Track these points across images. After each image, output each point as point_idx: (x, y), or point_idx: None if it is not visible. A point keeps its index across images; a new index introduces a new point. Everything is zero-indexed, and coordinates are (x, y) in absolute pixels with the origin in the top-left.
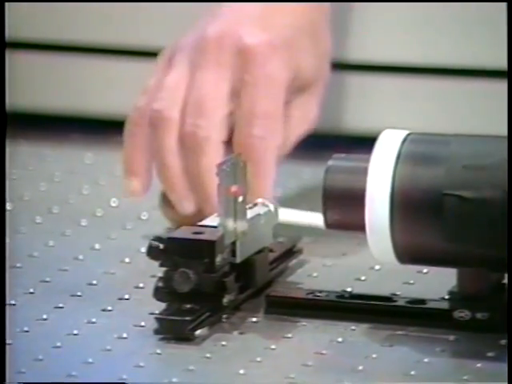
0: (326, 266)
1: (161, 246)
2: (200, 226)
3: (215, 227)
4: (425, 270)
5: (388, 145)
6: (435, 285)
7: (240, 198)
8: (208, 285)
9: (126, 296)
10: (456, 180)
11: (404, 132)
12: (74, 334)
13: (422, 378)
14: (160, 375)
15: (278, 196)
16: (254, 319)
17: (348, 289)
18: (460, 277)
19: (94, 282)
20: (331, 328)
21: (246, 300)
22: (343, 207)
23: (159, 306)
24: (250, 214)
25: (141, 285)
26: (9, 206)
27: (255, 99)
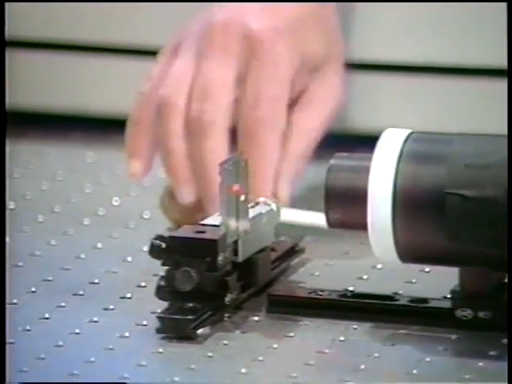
0: (328, 265)
1: (163, 244)
2: (202, 224)
3: (217, 226)
4: (427, 269)
5: (390, 144)
6: (437, 284)
7: (242, 197)
8: (210, 284)
9: (128, 295)
10: (458, 179)
11: (406, 131)
12: (76, 333)
13: (424, 377)
14: (162, 374)
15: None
16: (255, 318)
17: (350, 288)
18: (462, 276)
19: (96, 280)
20: (333, 327)
21: (247, 299)
22: (345, 206)
23: (161, 305)
24: (251, 212)
25: (143, 284)
26: (11, 205)
27: (261, 83)
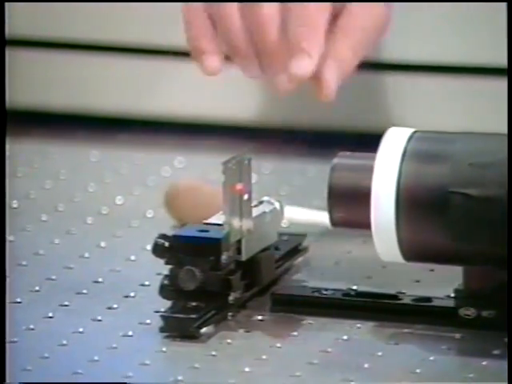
0: (331, 264)
1: (166, 243)
2: (205, 223)
3: (221, 225)
4: (431, 268)
5: (394, 142)
6: (441, 283)
7: (245, 196)
8: (213, 283)
9: (132, 294)
10: (462, 178)
11: (410, 130)
12: (80, 332)
13: (428, 376)
14: (165, 373)
15: (283, 194)
16: (259, 317)
17: (354, 287)
18: (466, 275)
19: (100, 279)
20: (337, 326)
21: (251, 298)
22: (348, 205)
23: (165, 304)
24: (255, 211)
25: (146, 282)
26: (14, 204)
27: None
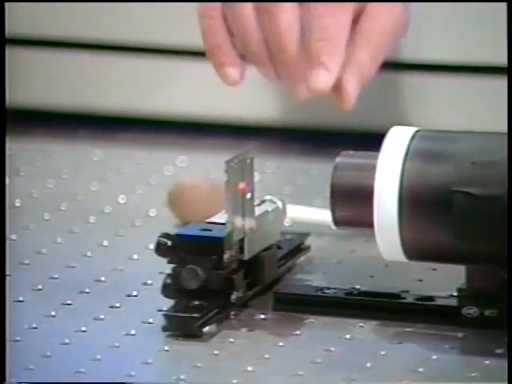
0: (334, 263)
1: (169, 242)
2: (208, 222)
3: (223, 224)
4: (433, 267)
5: (396, 141)
6: (444, 282)
7: (248, 195)
8: (216, 282)
9: (134, 293)
10: (465, 177)
11: (413, 129)
12: (82, 331)
13: (431, 375)
14: (168, 372)
15: (285, 193)
16: (262, 316)
17: (356, 286)
18: (468, 274)
19: (102, 278)
20: (339, 325)
21: (254, 297)
22: (351, 204)
23: (167, 303)
24: (257, 210)
25: (149, 281)
26: (17, 203)
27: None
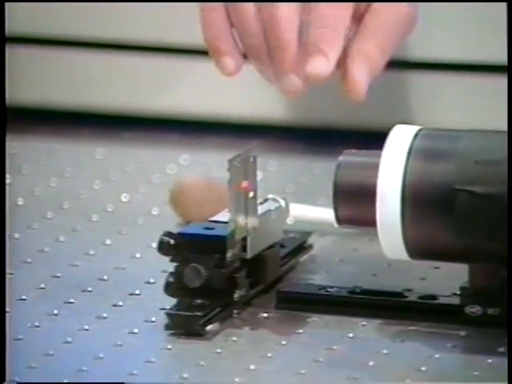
0: (336, 262)
1: (172, 241)
2: (211, 221)
3: (226, 223)
4: (436, 266)
5: (399, 140)
6: (447, 280)
7: (251, 194)
8: (219, 280)
9: (137, 291)
10: (467, 175)
11: (415, 127)
12: (85, 330)
13: (433, 374)
14: (171, 370)
15: (288, 192)
16: (264, 315)
17: (359, 284)
18: (471, 272)
19: (105, 277)
20: (342, 324)
21: (256, 295)
22: (354, 203)
23: (170, 302)
24: (260, 209)
25: (151, 280)
26: (19, 202)
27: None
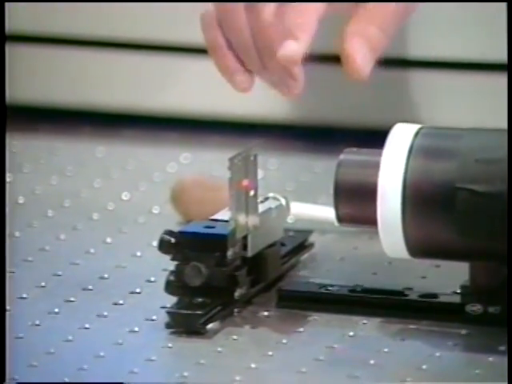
0: (337, 260)
1: (172, 239)
2: (211, 220)
3: (226, 221)
4: (437, 264)
5: (400, 138)
6: (447, 279)
7: (251, 192)
8: (219, 279)
9: (138, 290)
10: (468, 174)
11: (416, 126)
12: (86, 328)
13: (434, 372)
14: (171, 369)
15: (289, 190)
16: (265, 313)
17: (360, 283)
18: (472, 271)
19: (106, 275)
20: (343, 322)
21: (257, 294)
22: (355, 201)
23: (171, 300)
24: (261, 207)
25: (152, 278)
26: (20, 200)
27: None
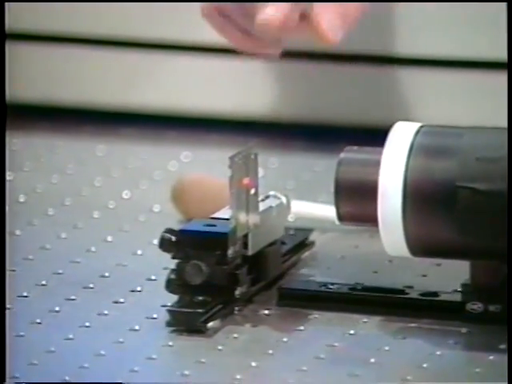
0: (338, 259)
1: (173, 238)
2: (212, 218)
3: (227, 220)
4: (438, 263)
5: (401, 137)
6: (448, 277)
7: (252, 191)
8: (220, 277)
9: (138, 288)
10: (469, 172)
11: (417, 124)
12: (86, 326)
13: (435, 371)
14: (172, 367)
15: (289, 188)
16: (266, 311)
17: (360, 281)
18: (473, 269)
19: (106, 274)
20: (343, 320)
21: (258, 292)
22: (355, 200)
23: (171, 298)
24: (262, 206)
25: (153, 277)
26: (21, 199)
27: None
